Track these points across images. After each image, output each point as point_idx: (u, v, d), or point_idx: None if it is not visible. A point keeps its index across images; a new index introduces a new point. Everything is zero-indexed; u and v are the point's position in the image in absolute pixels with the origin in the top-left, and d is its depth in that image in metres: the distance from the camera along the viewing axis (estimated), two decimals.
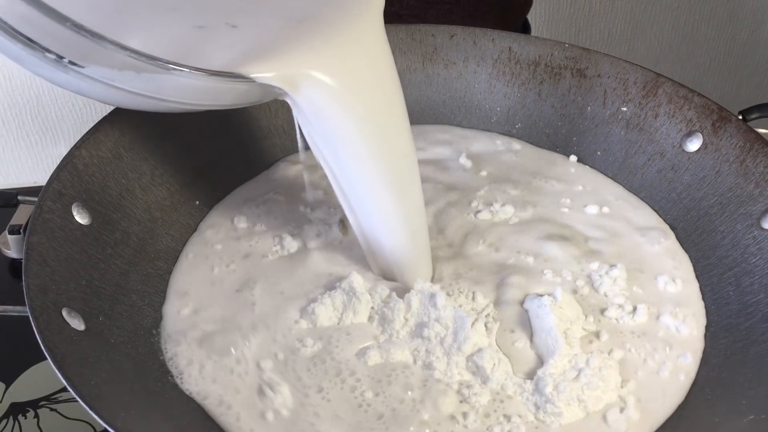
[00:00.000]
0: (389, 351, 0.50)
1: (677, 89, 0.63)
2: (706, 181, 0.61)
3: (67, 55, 0.36)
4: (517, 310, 0.53)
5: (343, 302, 0.52)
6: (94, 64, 0.37)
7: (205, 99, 0.42)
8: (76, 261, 0.50)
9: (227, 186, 0.65)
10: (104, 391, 0.43)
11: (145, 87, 0.39)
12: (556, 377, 0.48)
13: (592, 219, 0.62)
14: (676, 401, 0.49)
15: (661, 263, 0.58)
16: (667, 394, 0.50)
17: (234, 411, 0.47)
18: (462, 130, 0.72)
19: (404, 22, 0.78)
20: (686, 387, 0.50)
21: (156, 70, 0.38)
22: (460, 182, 0.65)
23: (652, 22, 1.37)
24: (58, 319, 0.45)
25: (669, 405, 0.49)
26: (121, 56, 0.36)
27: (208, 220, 0.62)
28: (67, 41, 0.35)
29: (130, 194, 0.58)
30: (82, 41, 0.35)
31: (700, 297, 0.56)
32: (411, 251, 0.52)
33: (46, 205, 0.50)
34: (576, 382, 0.48)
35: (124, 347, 0.49)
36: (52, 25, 0.34)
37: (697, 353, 0.52)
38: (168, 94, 0.41)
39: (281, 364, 0.50)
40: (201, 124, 0.63)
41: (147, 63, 0.37)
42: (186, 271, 0.57)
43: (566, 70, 0.69)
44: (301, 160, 0.53)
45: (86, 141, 0.56)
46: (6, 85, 1.24)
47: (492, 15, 0.83)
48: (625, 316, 0.53)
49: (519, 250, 0.59)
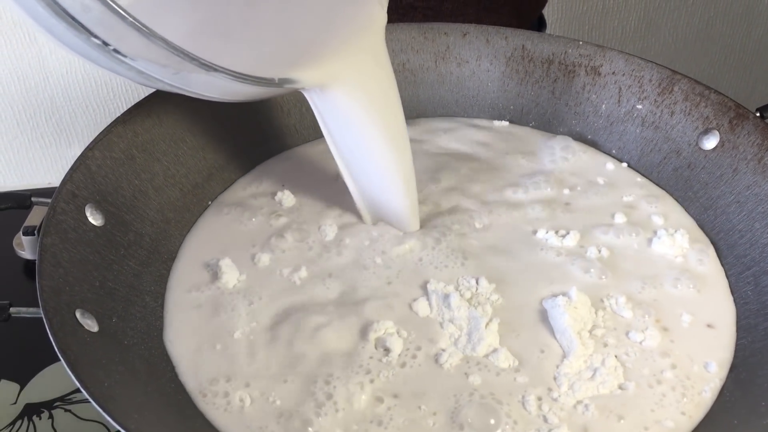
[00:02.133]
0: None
1: (693, 86, 0.63)
2: (723, 180, 0.60)
3: (115, 45, 0.36)
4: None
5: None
6: (141, 58, 0.38)
7: (232, 95, 0.46)
8: (89, 262, 0.50)
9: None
10: (117, 392, 0.43)
11: (180, 81, 0.41)
12: (572, 377, 0.48)
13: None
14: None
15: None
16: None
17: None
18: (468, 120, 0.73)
19: (419, 14, 0.78)
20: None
21: (198, 71, 0.39)
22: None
23: (666, 18, 1.36)
24: (71, 320, 0.45)
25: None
26: (175, 58, 0.37)
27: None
28: (120, 34, 0.36)
29: (143, 195, 0.58)
30: (137, 38, 0.35)
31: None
32: (405, 199, 0.57)
33: (59, 207, 0.50)
34: (591, 382, 0.48)
35: (137, 348, 0.49)
36: (110, 18, 0.34)
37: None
38: (198, 88, 0.43)
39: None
40: (213, 125, 0.64)
41: (195, 65, 0.38)
42: None
43: (580, 68, 0.68)
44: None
45: (99, 142, 0.56)
46: (20, 86, 1.24)
47: (507, 8, 0.83)
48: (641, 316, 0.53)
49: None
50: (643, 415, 0.47)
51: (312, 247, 0.58)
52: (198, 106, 0.63)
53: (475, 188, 0.63)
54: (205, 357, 0.50)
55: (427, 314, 0.52)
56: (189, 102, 0.62)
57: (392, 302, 0.53)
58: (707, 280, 0.56)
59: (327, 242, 0.58)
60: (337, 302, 0.53)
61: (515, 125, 0.71)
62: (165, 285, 0.55)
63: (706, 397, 0.48)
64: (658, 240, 0.58)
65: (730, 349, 0.51)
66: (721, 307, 0.54)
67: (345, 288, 0.55)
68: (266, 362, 0.50)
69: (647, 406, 0.48)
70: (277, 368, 0.49)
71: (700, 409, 0.48)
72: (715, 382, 0.49)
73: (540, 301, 0.53)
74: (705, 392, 0.49)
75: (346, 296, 0.54)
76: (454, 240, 0.58)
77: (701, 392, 0.48)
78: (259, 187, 0.64)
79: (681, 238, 0.58)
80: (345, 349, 0.50)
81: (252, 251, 0.58)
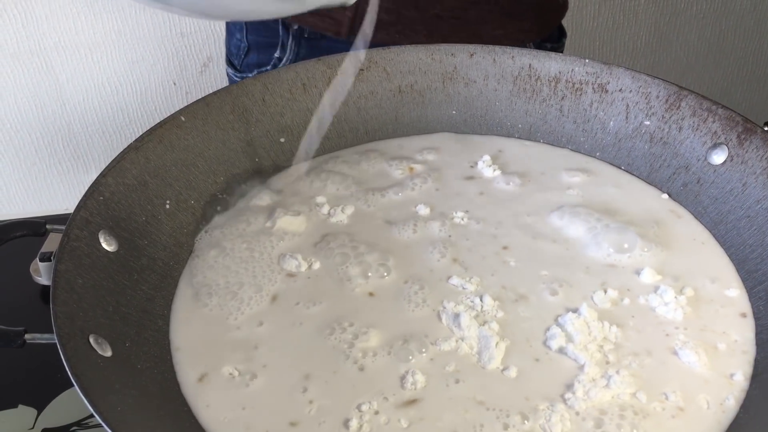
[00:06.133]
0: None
1: (701, 102, 0.63)
2: (733, 194, 0.60)
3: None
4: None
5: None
6: None
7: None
8: (102, 288, 0.51)
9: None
10: (130, 416, 0.43)
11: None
12: (586, 384, 0.48)
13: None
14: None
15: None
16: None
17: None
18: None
19: (445, 24, 0.79)
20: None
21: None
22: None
23: (677, 33, 1.36)
24: (84, 345, 0.46)
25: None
26: None
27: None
28: None
29: (155, 220, 0.58)
30: None
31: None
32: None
33: (73, 233, 0.51)
34: (607, 390, 0.48)
35: (150, 372, 0.50)
36: None
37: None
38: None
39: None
40: (224, 150, 0.64)
41: None
42: None
43: (587, 86, 0.68)
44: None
45: (112, 169, 0.57)
46: (38, 113, 1.26)
47: (529, 14, 0.84)
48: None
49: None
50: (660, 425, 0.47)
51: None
52: (208, 131, 0.64)
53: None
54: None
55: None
56: (199, 127, 0.63)
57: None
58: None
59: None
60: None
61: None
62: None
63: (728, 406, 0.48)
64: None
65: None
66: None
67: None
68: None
69: (663, 417, 0.47)
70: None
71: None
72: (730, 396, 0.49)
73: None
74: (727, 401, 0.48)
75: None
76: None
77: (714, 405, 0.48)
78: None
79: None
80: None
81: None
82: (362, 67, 0.70)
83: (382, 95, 0.72)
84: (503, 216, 0.63)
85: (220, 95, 0.65)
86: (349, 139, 0.72)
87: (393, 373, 0.50)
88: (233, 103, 0.66)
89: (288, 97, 0.68)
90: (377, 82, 0.71)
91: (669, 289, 0.55)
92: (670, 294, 0.54)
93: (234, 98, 0.66)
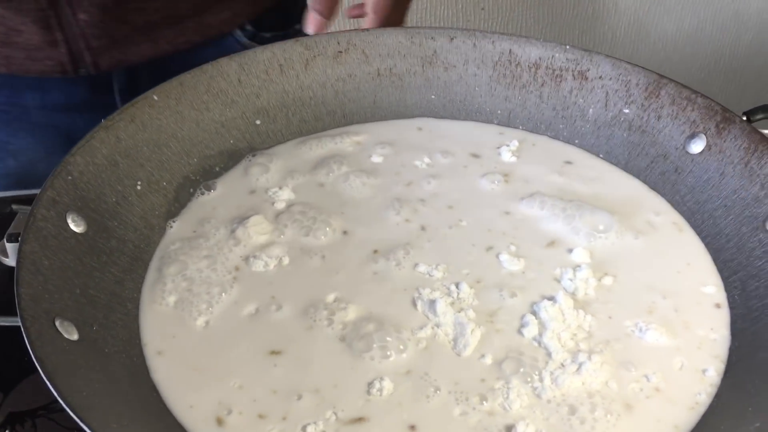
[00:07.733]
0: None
1: (680, 90, 0.63)
2: (710, 184, 0.60)
3: None
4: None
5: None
6: None
7: None
8: (70, 269, 0.50)
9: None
10: (96, 401, 0.42)
11: None
12: (554, 371, 0.48)
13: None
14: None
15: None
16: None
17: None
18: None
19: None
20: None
21: None
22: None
23: (656, 23, 1.36)
24: (50, 328, 0.45)
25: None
26: None
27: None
28: None
29: (126, 201, 0.57)
30: None
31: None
32: None
33: (39, 213, 0.50)
34: (578, 375, 0.48)
35: (118, 357, 0.49)
36: None
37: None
38: None
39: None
40: (197, 131, 0.63)
41: None
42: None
43: (567, 72, 0.68)
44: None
45: (81, 148, 0.55)
46: None
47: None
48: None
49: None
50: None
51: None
52: (182, 111, 0.63)
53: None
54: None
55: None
56: (173, 107, 0.62)
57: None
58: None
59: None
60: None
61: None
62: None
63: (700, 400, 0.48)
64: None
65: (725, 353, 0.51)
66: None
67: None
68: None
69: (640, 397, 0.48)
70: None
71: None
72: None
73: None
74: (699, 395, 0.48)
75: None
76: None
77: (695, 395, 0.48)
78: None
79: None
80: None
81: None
82: (340, 49, 0.69)
83: (361, 78, 0.71)
84: (468, 196, 0.63)
85: (195, 75, 0.64)
86: (327, 122, 0.71)
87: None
88: (208, 83, 0.64)
89: (264, 78, 0.67)
90: (356, 64, 0.70)
91: (643, 277, 0.54)
92: (643, 282, 0.54)
93: (209, 78, 0.64)
